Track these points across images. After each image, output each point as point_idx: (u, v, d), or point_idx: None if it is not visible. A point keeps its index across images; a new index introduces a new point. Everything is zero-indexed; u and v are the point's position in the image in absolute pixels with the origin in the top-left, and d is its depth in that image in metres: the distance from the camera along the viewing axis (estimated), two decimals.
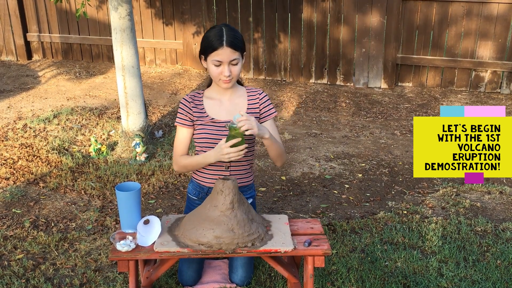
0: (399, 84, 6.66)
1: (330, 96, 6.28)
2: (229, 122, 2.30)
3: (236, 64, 2.31)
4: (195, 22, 6.90)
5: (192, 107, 2.43)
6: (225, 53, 2.26)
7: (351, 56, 6.56)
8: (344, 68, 6.64)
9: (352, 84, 6.68)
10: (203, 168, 2.48)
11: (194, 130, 2.45)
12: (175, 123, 2.46)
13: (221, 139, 2.37)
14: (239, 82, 2.54)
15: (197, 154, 2.47)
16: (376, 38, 6.38)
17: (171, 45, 7.15)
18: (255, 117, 2.46)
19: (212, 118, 2.41)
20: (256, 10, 6.67)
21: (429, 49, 6.38)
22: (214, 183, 2.50)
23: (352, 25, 6.43)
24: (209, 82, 2.52)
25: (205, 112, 2.42)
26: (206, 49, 2.30)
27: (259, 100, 2.49)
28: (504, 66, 6.15)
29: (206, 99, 2.46)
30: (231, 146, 2.17)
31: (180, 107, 2.46)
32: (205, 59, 2.35)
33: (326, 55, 6.64)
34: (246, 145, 2.20)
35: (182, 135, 2.46)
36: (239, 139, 2.17)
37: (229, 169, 2.46)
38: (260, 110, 2.49)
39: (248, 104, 2.48)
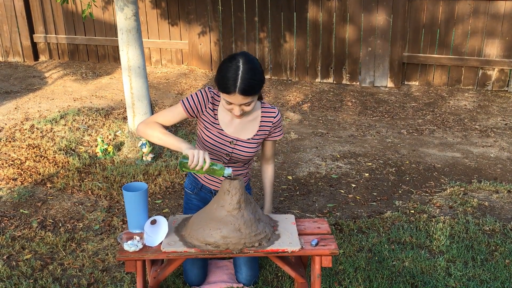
0: (406, 83, 6.63)
1: (336, 96, 6.27)
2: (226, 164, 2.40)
3: (249, 105, 2.22)
4: (200, 22, 6.90)
5: (209, 107, 2.36)
6: (236, 99, 2.16)
7: (357, 55, 6.54)
8: (350, 67, 6.62)
9: (358, 83, 6.66)
10: None
11: (202, 126, 2.41)
12: (181, 102, 2.34)
13: (224, 150, 2.37)
14: (259, 96, 2.41)
15: (200, 149, 2.44)
16: (382, 37, 6.36)
17: (176, 45, 7.16)
18: (262, 139, 2.44)
19: (221, 129, 2.37)
20: (261, 9, 6.66)
21: (436, 47, 6.36)
22: (206, 182, 2.53)
23: (358, 24, 6.41)
24: None
25: (217, 119, 2.37)
26: (219, 87, 2.18)
27: (272, 124, 2.43)
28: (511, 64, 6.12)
29: (221, 107, 2.37)
30: (209, 170, 2.10)
31: (197, 95, 2.34)
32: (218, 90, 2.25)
33: (332, 54, 6.62)
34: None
35: (177, 115, 2.35)
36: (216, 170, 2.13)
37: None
38: (270, 132, 2.45)
39: (260, 127, 2.41)
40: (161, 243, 2.15)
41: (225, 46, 6.93)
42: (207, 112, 2.37)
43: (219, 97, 2.38)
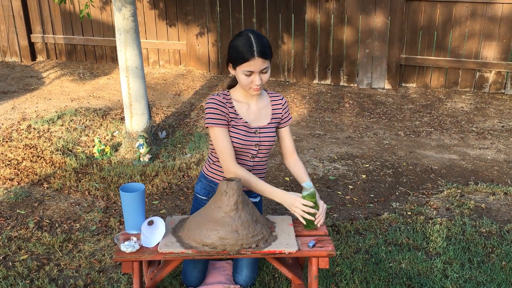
0: (403, 84, 6.64)
1: (333, 97, 6.27)
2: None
3: (266, 72, 2.29)
4: (198, 23, 6.90)
5: (228, 106, 2.37)
6: (256, 63, 2.23)
7: (354, 56, 6.55)
8: (348, 69, 6.63)
9: (355, 85, 6.67)
10: (220, 167, 2.48)
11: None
12: (211, 125, 2.31)
13: (253, 142, 2.38)
14: None
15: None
16: (380, 38, 6.37)
17: (174, 46, 7.16)
18: (277, 123, 2.49)
19: (246, 122, 2.39)
20: (259, 11, 6.67)
21: (433, 49, 6.37)
22: None
23: (355, 26, 6.42)
24: (230, 83, 2.49)
25: (238, 114, 2.39)
26: (236, 60, 2.25)
27: (282, 106, 2.52)
28: (509, 67, 6.13)
29: (235, 101, 2.41)
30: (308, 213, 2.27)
31: (212, 107, 2.32)
32: (234, 68, 2.30)
33: (329, 55, 6.63)
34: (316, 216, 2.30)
35: (224, 137, 2.32)
36: (314, 209, 2.28)
37: (251, 171, 2.46)
38: (282, 116, 2.51)
39: (273, 110, 2.49)
40: (158, 244, 2.15)
41: (223, 47, 6.93)
42: (230, 112, 2.38)
43: (228, 94, 2.42)
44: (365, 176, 4.11)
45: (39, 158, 4.20)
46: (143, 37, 7.13)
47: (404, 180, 4.06)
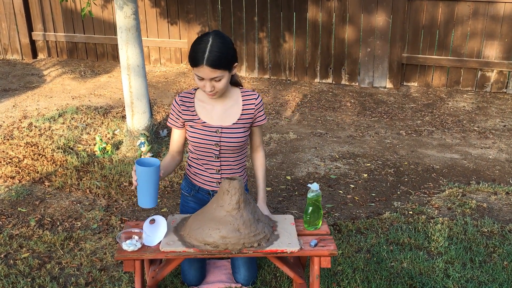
0: (405, 84, 6.63)
1: (335, 96, 6.27)
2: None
3: (219, 81, 2.25)
4: (200, 22, 6.90)
5: (182, 109, 2.40)
6: (205, 71, 2.19)
7: (356, 55, 6.54)
8: (349, 68, 6.62)
9: (357, 84, 6.66)
10: (197, 167, 2.53)
11: (188, 129, 2.44)
12: (169, 124, 2.50)
13: (212, 141, 2.38)
14: (236, 82, 2.45)
15: (191, 151, 2.53)
16: (382, 37, 6.36)
17: (176, 44, 7.15)
18: (248, 123, 2.44)
19: (204, 122, 2.39)
20: (261, 9, 6.66)
21: (435, 49, 6.36)
22: (203, 183, 2.54)
23: (357, 25, 6.41)
24: None
25: (196, 115, 2.39)
26: (190, 62, 2.24)
27: (255, 106, 2.43)
28: (511, 66, 6.12)
29: (198, 101, 2.41)
30: (311, 213, 2.30)
31: (171, 108, 2.47)
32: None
33: (331, 54, 6.62)
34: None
35: (175, 135, 2.51)
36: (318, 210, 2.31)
37: (220, 172, 2.48)
38: (254, 116, 2.45)
39: (243, 110, 2.42)
40: (159, 243, 2.15)
41: None
42: (185, 115, 2.41)
43: (192, 94, 2.43)
44: (366, 175, 4.10)
45: (40, 156, 4.20)
46: (144, 35, 7.12)
47: (406, 179, 4.05)
